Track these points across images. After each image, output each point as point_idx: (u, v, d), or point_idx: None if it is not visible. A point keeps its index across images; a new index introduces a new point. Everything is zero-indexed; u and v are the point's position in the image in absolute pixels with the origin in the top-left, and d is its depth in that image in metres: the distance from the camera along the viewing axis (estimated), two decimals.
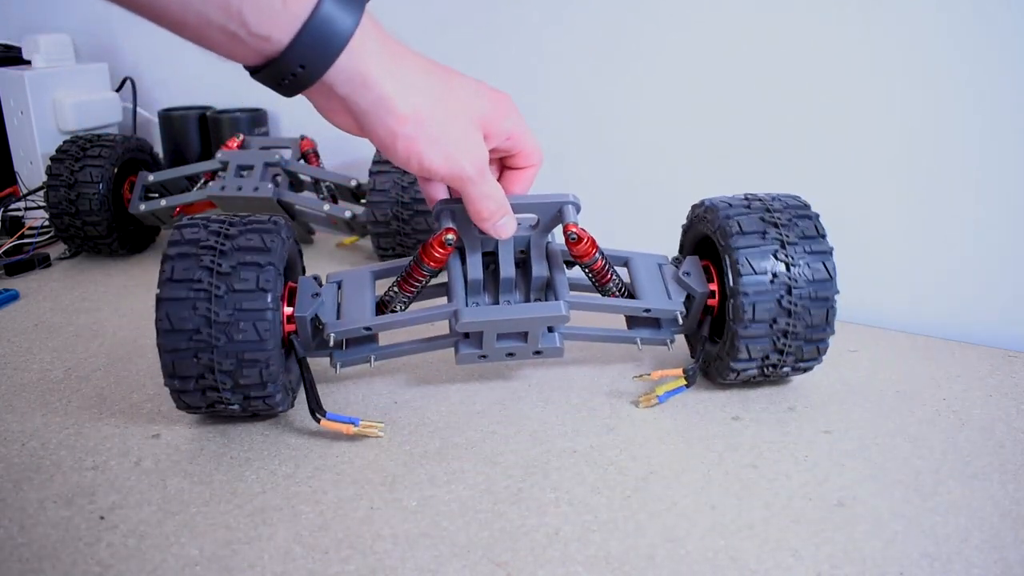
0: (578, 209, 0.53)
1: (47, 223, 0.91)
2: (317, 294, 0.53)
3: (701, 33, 0.77)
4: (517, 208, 0.51)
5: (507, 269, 0.54)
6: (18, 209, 0.96)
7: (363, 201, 0.87)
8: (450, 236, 0.51)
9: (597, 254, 0.54)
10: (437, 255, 0.52)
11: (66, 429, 0.54)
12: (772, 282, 0.51)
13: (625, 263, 0.59)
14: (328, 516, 0.45)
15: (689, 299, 0.56)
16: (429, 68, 0.43)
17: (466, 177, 0.45)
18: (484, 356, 0.54)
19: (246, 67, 0.39)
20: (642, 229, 0.82)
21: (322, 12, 0.37)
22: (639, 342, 0.58)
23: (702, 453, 0.51)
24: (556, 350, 0.55)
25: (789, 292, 0.51)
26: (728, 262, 0.53)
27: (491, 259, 0.55)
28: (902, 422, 0.54)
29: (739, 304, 0.52)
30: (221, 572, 0.41)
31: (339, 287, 0.56)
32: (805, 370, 0.56)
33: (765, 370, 0.55)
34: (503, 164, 0.51)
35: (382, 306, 0.56)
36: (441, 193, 0.52)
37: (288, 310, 0.52)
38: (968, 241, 0.70)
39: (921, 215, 0.71)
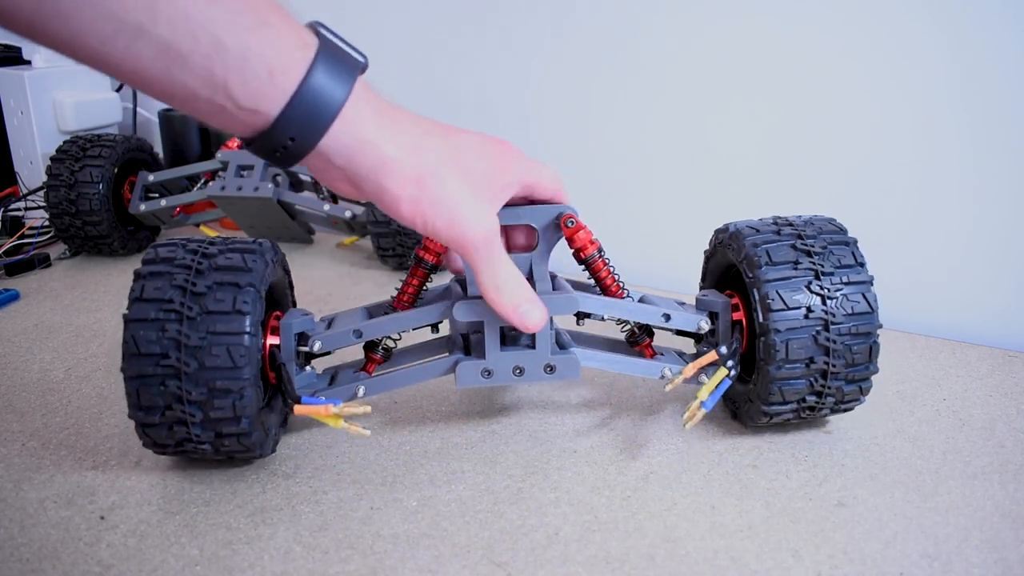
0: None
1: (47, 223, 0.92)
2: (307, 314, 0.50)
3: (708, 43, 0.77)
4: (510, 218, 0.48)
5: None
6: (18, 209, 0.96)
7: (363, 201, 0.87)
8: None
9: (597, 253, 0.50)
10: (437, 245, 0.49)
11: (66, 429, 0.54)
12: (807, 317, 0.47)
13: (639, 300, 0.54)
14: (328, 516, 0.45)
15: (712, 317, 0.51)
16: (430, 129, 0.41)
17: (470, 245, 0.42)
18: (489, 372, 0.48)
19: (241, 138, 0.39)
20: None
21: (311, 84, 0.36)
22: (668, 371, 0.51)
23: (702, 453, 0.51)
24: (571, 364, 0.49)
25: (826, 328, 0.47)
26: (757, 296, 0.48)
27: None
28: (902, 422, 0.54)
29: (770, 342, 0.47)
30: (221, 572, 0.41)
31: (329, 325, 0.52)
32: (846, 411, 0.51)
33: (801, 413, 0.50)
34: (527, 200, 0.49)
35: (375, 344, 0.52)
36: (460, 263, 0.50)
37: (273, 339, 0.48)
38: (968, 241, 0.70)
39: (920, 215, 0.71)
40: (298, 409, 0.45)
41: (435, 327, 0.53)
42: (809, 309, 0.47)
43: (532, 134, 0.87)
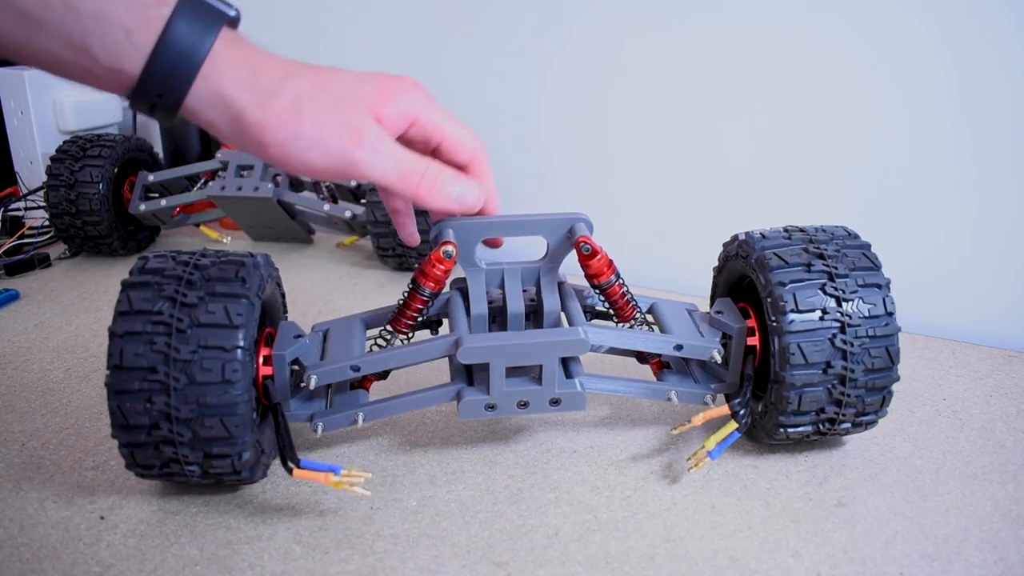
0: (590, 228, 0.49)
1: (47, 223, 0.92)
2: (300, 335, 0.48)
3: (713, 48, 0.77)
4: (520, 228, 0.48)
5: (515, 303, 0.49)
6: (18, 209, 0.96)
7: (363, 201, 0.87)
8: (449, 248, 0.46)
9: (614, 277, 0.49)
10: (437, 272, 0.47)
11: (66, 429, 0.54)
12: (825, 372, 0.45)
13: (649, 309, 0.53)
14: (328, 516, 0.45)
15: (726, 340, 0.50)
16: (294, 72, 0.40)
17: (356, 160, 0.40)
18: (492, 406, 0.47)
19: (121, 96, 0.39)
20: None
21: (169, 41, 0.36)
22: (675, 396, 0.50)
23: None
24: (577, 398, 0.47)
25: (842, 382, 0.46)
26: (777, 345, 0.46)
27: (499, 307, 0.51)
28: (902, 422, 0.54)
29: (784, 394, 0.46)
30: (221, 572, 0.41)
31: (325, 337, 0.51)
32: (868, 424, 0.49)
33: (820, 426, 0.48)
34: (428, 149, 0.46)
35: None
36: (399, 203, 0.48)
37: (266, 370, 0.46)
38: (968, 241, 0.70)
39: (921, 215, 0.71)
40: (297, 473, 0.43)
41: (435, 327, 0.53)
42: (828, 364, 0.45)
43: (535, 135, 0.87)
